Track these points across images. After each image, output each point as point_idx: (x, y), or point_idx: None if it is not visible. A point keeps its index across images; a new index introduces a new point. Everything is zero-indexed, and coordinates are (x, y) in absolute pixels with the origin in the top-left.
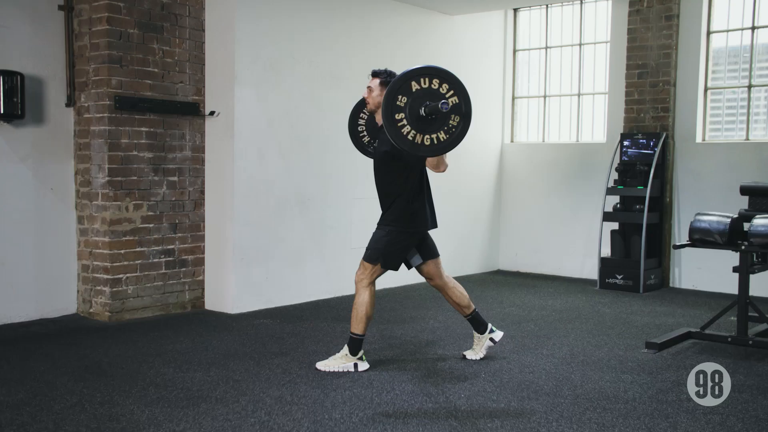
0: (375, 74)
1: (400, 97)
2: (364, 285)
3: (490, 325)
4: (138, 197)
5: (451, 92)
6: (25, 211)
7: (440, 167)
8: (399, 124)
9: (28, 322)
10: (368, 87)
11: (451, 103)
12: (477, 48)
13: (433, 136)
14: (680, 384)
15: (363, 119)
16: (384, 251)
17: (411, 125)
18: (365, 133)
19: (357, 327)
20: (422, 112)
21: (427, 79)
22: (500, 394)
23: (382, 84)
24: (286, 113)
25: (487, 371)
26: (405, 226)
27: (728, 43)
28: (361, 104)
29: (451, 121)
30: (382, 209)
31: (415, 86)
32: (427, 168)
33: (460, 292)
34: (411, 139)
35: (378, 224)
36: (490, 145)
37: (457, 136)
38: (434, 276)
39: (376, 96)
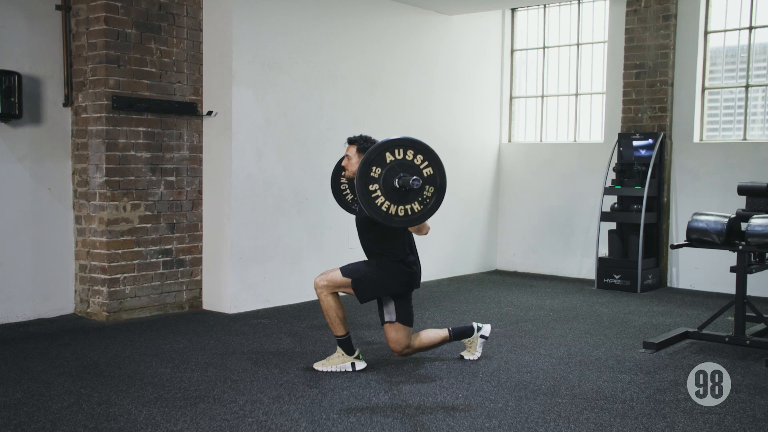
0: (351, 141)
1: (374, 168)
2: (323, 292)
3: (475, 325)
4: (136, 197)
5: (426, 163)
6: (23, 211)
7: (422, 231)
8: (373, 195)
9: (25, 322)
10: (346, 155)
11: (425, 174)
12: (475, 48)
13: (407, 207)
14: (678, 384)
15: (344, 182)
16: (364, 276)
17: (385, 196)
18: (348, 191)
19: (337, 330)
20: (396, 183)
21: (401, 150)
22: (498, 394)
23: (359, 151)
24: (284, 113)
25: (485, 371)
26: (393, 280)
27: (726, 43)
28: (340, 167)
29: (425, 193)
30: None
31: (389, 157)
32: None
33: (429, 337)
34: (385, 210)
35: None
36: (487, 145)
37: (431, 207)
38: (401, 345)
39: (355, 163)
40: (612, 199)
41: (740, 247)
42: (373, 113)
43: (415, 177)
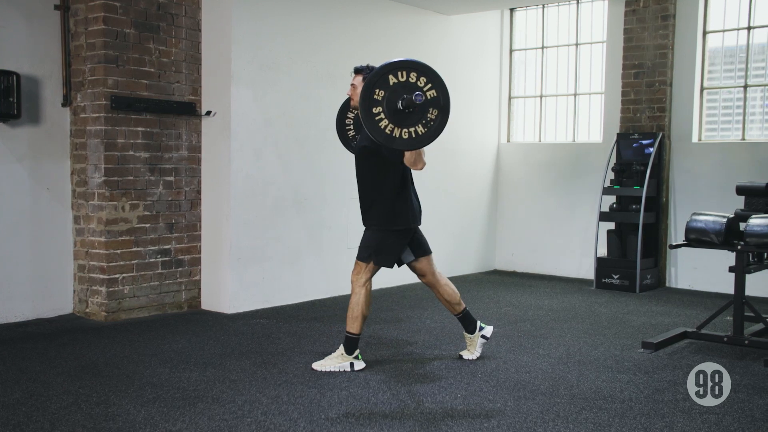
0: (357, 71)
1: (377, 90)
2: (359, 284)
3: (479, 323)
4: (134, 197)
5: (429, 85)
6: (22, 211)
7: (418, 164)
8: (377, 118)
9: (24, 322)
10: (352, 84)
11: (429, 96)
12: (473, 48)
13: (411, 129)
14: (676, 384)
15: (350, 117)
16: (375, 249)
17: (389, 119)
18: (352, 128)
19: (352, 326)
20: (399, 105)
21: (404, 73)
22: (497, 394)
23: (365, 80)
24: (283, 113)
25: (484, 371)
26: (390, 225)
27: (724, 43)
28: (348, 102)
29: (429, 115)
30: (362, 209)
31: (392, 80)
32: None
33: (452, 290)
34: (389, 132)
35: (365, 226)
36: (486, 144)
37: (435, 129)
38: (426, 273)
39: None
40: (611, 199)
41: (739, 247)
42: None
43: (417, 92)
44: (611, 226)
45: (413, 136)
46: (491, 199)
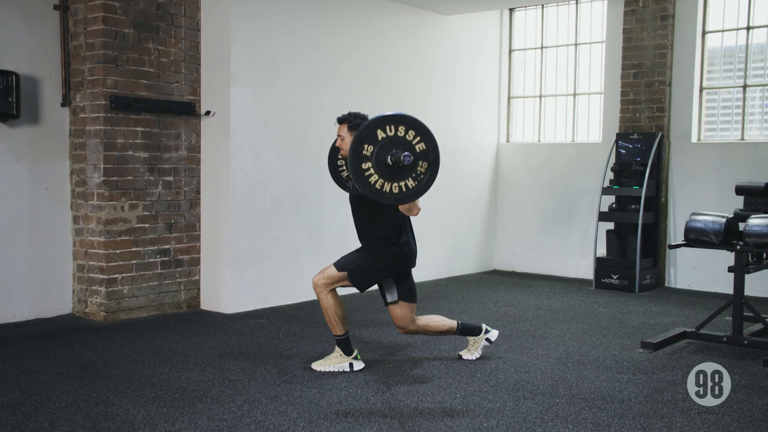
0: (341, 121)
1: (365, 146)
2: (322, 290)
3: (484, 326)
4: (133, 197)
5: (418, 138)
6: (21, 211)
7: (413, 211)
8: (366, 174)
9: (23, 322)
10: (339, 136)
11: (418, 150)
12: (473, 48)
13: (401, 183)
14: (676, 384)
15: (341, 158)
16: (357, 265)
17: (378, 174)
18: (344, 168)
19: (336, 329)
20: (389, 160)
21: (392, 127)
22: (496, 394)
23: (351, 129)
24: (282, 113)
25: (483, 371)
26: (386, 263)
27: (723, 43)
28: (337, 148)
29: (419, 168)
30: (359, 240)
31: (380, 134)
32: None
33: (436, 322)
34: (379, 187)
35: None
36: (485, 144)
37: (425, 182)
38: (406, 322)
39: (348, 142)
40: (610, 199)
41: (738, 247)
42: (371, 113)
43: (406, 153)
44: (610, 226)
45: (403, 190)
46: (490, 199)
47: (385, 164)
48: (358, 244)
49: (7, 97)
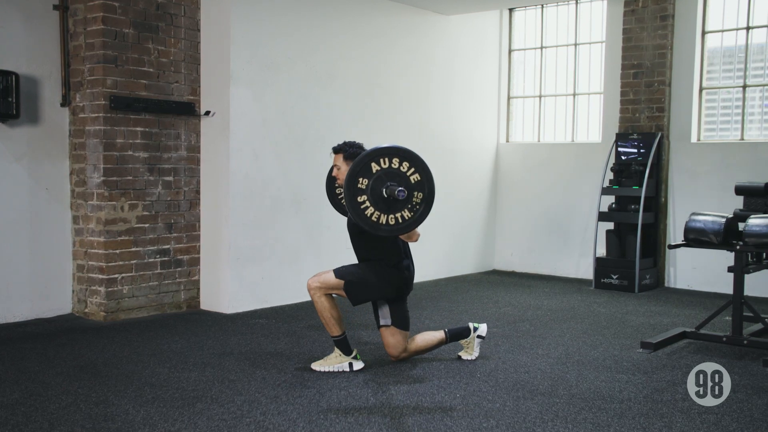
0: (336, 151)
1: (360, 179)
2: (316, 293)
3: (471, 325)
4: (133, 197)
5: (413, 170)
6: (20, 211)
7: (412, 237)
8: (362, 207)
9: (23, 322)
10: (335, 165)
11: (413, 181)
12: (472, 48)
13: (398, 215)
14: (675, 384)
15: (339, 186)
16: (357, 277)
17: (374, 206)
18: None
19: (333, 330)
20: (384, 193)
21: (387, 159)
22: (495, 394)
23: (347, 159)
24: (282, 113)
25: (483, 371)
26: (384, 283)
27: (723, 43)
28: (334, 177)
29: (414, 199)
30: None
31: (375, 167)
32: None
33: (425, 340)
34: (375, 220)
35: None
36: (485, 144)
37: (420, 214)
38: (398, 350)
39: (344, 172)
40: (610, 199)
41: (738, 247)
42: (371, 113)
43: (401, 188)
44: (610, 226)
45: (399, 221)
46: (490, 199)
47: (380, 197)
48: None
49: (7, 97)
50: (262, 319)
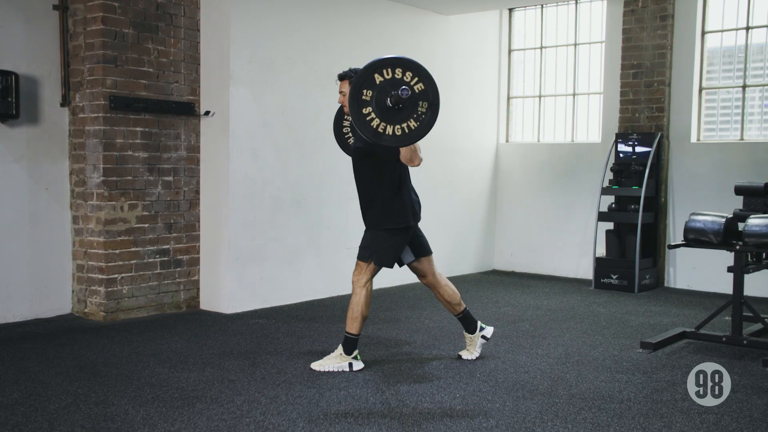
0: (342, 77)
1: (365, 91)
2: (360, 285)
3: (479, 323)
4: (133, 197)
5: (416, 79)
6: (20, 211)
7: (414, 161)
8: (368, 118)
9: (22, 322)
10: (341, 92)
11: (417, 90)
12: (472, 48)
13: (404, 125)
14: (675, 384)
15: (347, 124)
16: (375, 249)
17: (380, 117)
18: (350, 134)
19: (352, 326)
20: (389, 102)
21: (389, 70)
22: (495, 394)
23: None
24: (282, 113)
25: (482, 371)
26: (389, 224)
27: (723, 43)
28: (342, 110)
29: (419, 108)
30: (362, 210)
31: (378, 78)
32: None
33: (452, 290)
34: (381, 131)
35: (366, 227)
36: (485, 144)
37: (427, 122)
38: (426, 273)
39: None
40: (609, 199)
41: (737, 247)
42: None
43: (403, 87)
44: (610, 226)
45: (406, 131)
46: (490, 199)
47: (385, 106)
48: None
49: (7, 97)
50: (261, 319)
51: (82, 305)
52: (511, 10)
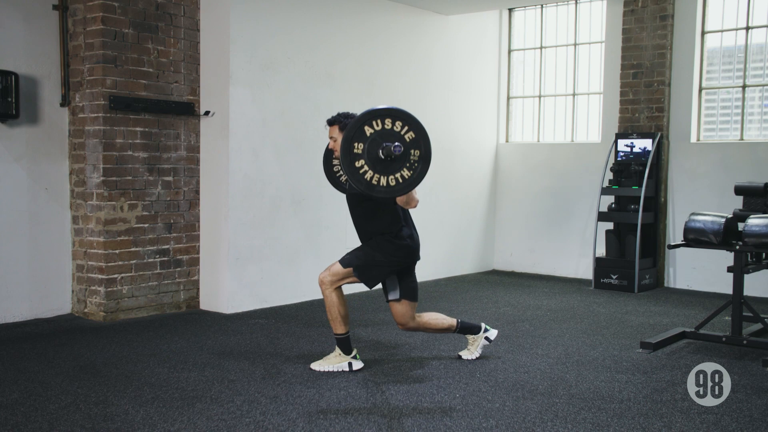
0: (331, 123)
1: (356, 144)
2: (327, 288)
3: (483, 325)
4: (133, 197)
5: (406, 128)
6: (20, 211)
7: (411, 203)
8: (361, 171)
9: (22, 322)
10: (330, 138)
11: (408, 139)
12: (472, 48)
13: (397, 175)
14: (675, 384)
15: (337, 163)
16: (363, 261)
17: (373, 169)
18: (341, 172)
19: (337, 328)
20: (380, 154)
21: (379, 121)
22: (495, 394)
23: (342, 129)
24: (281, 113)
25: (482, 371)
26: (389, 257)
27: (722, 43)
28: (331, 151)
29: (412, 157)
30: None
31: (369, 130)
32: None
33: (435, 319)
34: (375, 183)
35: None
36: (485, 145)
37: (419, 172)
38: (407, 320)
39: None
40: (609, 199)
41: (737, 247)
42: None
43: (396, 143)
44: (610, 226)
45: (400, 181)
46: (490, 199)
47: (377, 158)
48: (356, 244)
49: (7, 97)
50: (261, 319)
51: (82, 305)
52: (510, 10)
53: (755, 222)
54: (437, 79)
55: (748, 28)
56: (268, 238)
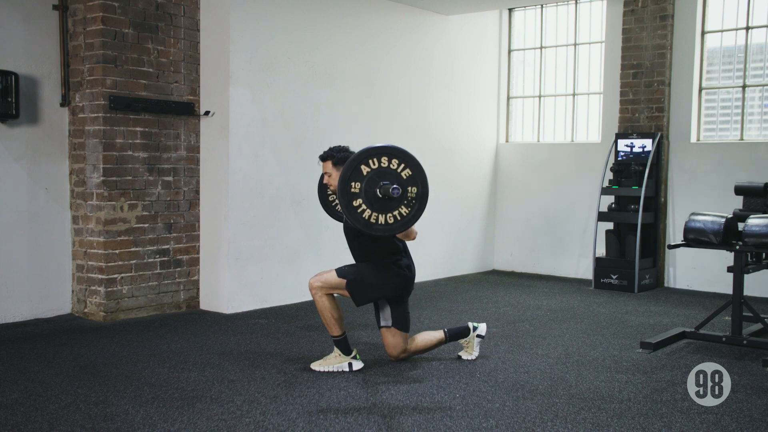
0: (323, 158)
1: (353, 183)
2: (317, 292)
3: (470, 324)
4: (133, 197)
5: (402, 165)
6: (20, 211)
7: (410, 236)
8: (359, 210)
9: (22, 322)
10: (325, 173)
11: (405, 177)
12: (472, 48)
13: (395, 212)
14: (675, 384)
15: (331, 194)
16: (357, 275)
17: (370, 208)
18: (337, 202)
19: (333, 330)
20: (378, 193)
21: (375, 159)
22: (495, 394)
23: (336, 164)
24: (281, 113)
25: (482, 371)
26: (385, 281)
27: (723, 43)
28: (326, 184)
29: (409, 194)
30: None
31: (365, 169)
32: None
33: (425, 339)
34: (374, 221)
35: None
36: (484, 145)
37: (417, 209)
38: (398, 351)
39: (335, 178)
40: (609, 199)
41: (737, 247)
42: (370, 113)
43: (395, 186)
44: (610, 226)
45: (398, 218)
46: (490, 199)
47: (375, 197)
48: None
49: (7, 97)
50: (261, 319)
51: (82, 305)
52: (510, 10)
53: (755, 222)
54: (437, 79)
55: (748, 28)
56: (268, 238)
